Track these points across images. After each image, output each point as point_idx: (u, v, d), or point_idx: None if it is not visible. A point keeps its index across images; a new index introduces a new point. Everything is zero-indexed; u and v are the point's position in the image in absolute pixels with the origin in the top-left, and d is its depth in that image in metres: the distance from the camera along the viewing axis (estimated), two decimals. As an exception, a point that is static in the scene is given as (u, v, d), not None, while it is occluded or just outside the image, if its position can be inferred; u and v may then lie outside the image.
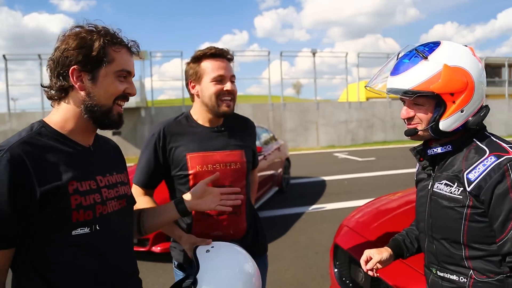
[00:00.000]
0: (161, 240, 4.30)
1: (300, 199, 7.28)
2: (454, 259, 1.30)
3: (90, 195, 1.14)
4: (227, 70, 1.70)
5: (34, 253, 1.09)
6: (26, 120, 17.03)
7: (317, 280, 3.84)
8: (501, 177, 1.16)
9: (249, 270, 1.48)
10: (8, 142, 1.07)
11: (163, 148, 1.71)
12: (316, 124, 19.43)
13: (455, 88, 1.24)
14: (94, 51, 1.13)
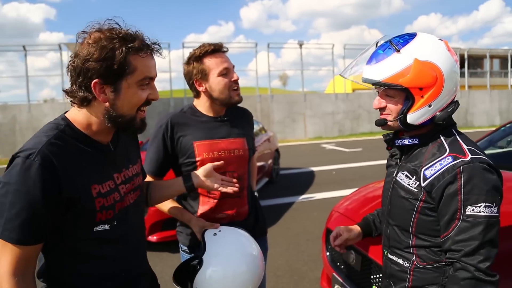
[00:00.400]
0: (157, 229, 4.42)
1: (290, 189, 7.45)
2: (402, 245, 1.38)
3: (111, 195, 1.22)
4: (229, 62, 1.82)
5: (61, 246, 1.19)
6: (12, 113, 16.76)
7: (309, 265, 4.02)
8: (452, 179, 1.21)
9: (253, 252, 1.59)
10: (37, 143, 1.11)
11: (171, 137, 1.82)
12: (304, 115, 19.59)
13: (423, 83, 1.26)
14: (116, 64, 1.12)
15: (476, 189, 1.18)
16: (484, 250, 1.17)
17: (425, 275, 1.32)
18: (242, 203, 1.91)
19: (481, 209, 1.18)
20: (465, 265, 1.18)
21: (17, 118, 16.77)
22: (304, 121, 19.65)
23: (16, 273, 1.09)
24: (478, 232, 1.17)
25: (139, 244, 1.39)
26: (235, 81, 1.82)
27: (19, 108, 17.08)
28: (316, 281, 3.63)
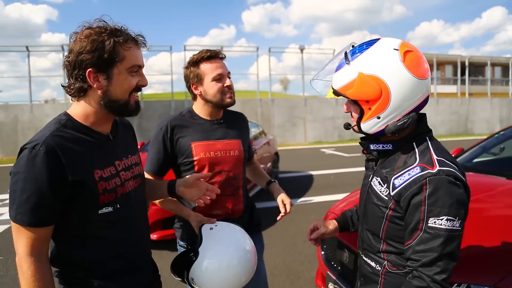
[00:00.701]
0: (158, 228, 4.51)
1: (288, 192, 7.39)
2: (374, 250, 1.41)
3: (112, 179, 1.33)
4: (224, 68, 1.92)
5: (69, 230, 1.30)
6: (14, 113, 16.87)
7: (305, 265, 4.11)
8: (418, 190, 1.21)
9: (246, 246, 1.69)
10: (41, 136, 1.23)
11: (170, 139, 1.93)
12: (304, 120, 19.69)
13: (367, 97, 1.27)
14: (106, 53, 1.24)
15: (439, 201, 1.18)
16: (442, 262, 1.18)
17: (395, 280, 1.34)
18: (237, 201, 2.01)
19: (443, 222, 1.18)
20: (422, 275, 1.19)
21: (19, 118, 16.88)
22: (305, 126, 19.75)
23: (32, 253, 1.21)
24: (438, 244, 1.17)
25: (141, 231, 1.49)
26: (227, 86, 1.92)
27: (21, 108, 17.19)
28: (311, 280, 3.72)
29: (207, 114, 1.99)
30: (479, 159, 3.71)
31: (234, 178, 1.97)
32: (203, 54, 1.91)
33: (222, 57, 1.96)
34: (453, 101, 23.44)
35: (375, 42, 1.31)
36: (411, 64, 1.25)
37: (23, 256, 1.21)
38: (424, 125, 1.37)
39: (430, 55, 25.12)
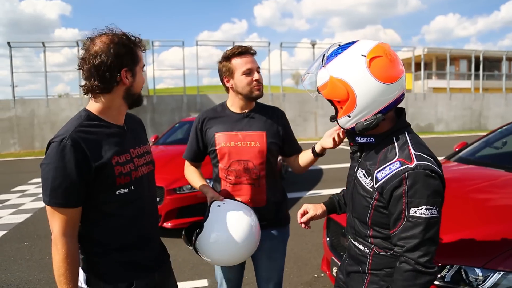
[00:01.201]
0: (172, 217, 4.73)
1: (298, 185, 7.70)
2: (361, 235, 1.53)
3: (127, 164, 1.54)
4: (254, 63, 2.07)
5: (92, 208, 1.50)
6: (31, 107, 17.27)
7: (312, 253, 4.30)
8: (399, 183, 1.32)
9: (248, 224, 1.85)
10: (67, 131, 1.43)
11: (201, 130, 2.16)
12: (315, 114, 19.78)
13: (338, 97, 1.40)
14: (134, 55, 1.51)
15: (418, 193, 1.30)
16: (424, 247, 1.31)
17: (382, 260, 1.47)
18: (258, 191, 2.10)
19: (422, 211, 1.30)
20: (407, 259, 1.32)
21: (35, 112, 17.26)
22: (315, 120, 19.83)
23: (66, 233, 1.42)
24: (419, 231, 1.30)
25: (151, 213, 1.70)
26: (256, 80, 2.05)
27: (37, 102, 17.56)
28: (318, 266, 3.90)
29: (238, 106, 2.14)
30: (483, 153, 3.82)
31: (254, 169, 2.06)
32: (234, 50, 2.06)
33: (253, 52, 2.10)
34: (466, 96, 23.25)
35: (349, 46, 1.42)
36: (376, 70, 1.35)
37: (58, 236, 1.41)
38: (403, 121, 1.49)
39: (443, 50, 24.92)
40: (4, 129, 16.97)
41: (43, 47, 18.12)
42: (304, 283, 3.65)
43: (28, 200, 7.40)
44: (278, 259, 2.20)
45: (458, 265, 1.98)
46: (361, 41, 1.43)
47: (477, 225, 2.27)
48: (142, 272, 1.60)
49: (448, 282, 1.97)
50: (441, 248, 2.08)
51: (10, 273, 4.07)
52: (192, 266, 4.07)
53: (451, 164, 3.71)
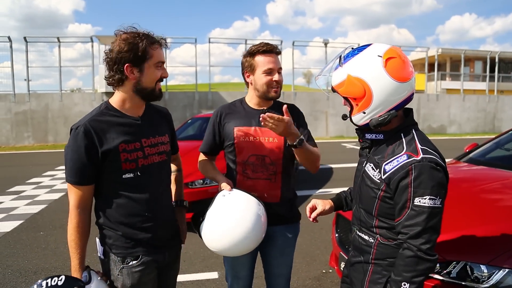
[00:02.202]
0: (184, 211, 4.80)
1: (308, 183, 7.75)
2: (367, 225, 1.60)
3: (134, 152, 1.70)
4: (276, 64, 2.08)
5: (105, 190, 1.72)
6: (45, 101, 17.53)
7: (320, 250, 4.36)
8: (405, 174, 1.41)
9: (255, 213, 1.85)
10: (84, 119, 1.67)
11: (219, 123, 2.20)
12: (326, 114, 19.74)
13: (354, 95, 1.51)
14: (140, 52, 1.63)
15: (423, 184, 1.39)
16: (427, 235, 1.39)
17: (386, 250, 1.55)
18: (273, 186, 2.11)
19: (426, 201, 1.38)
20: (410, 245, 1.40)
21: (49, 106, 17.52)
22: (326, 120, 19.79)
23: (78, 206, 1.66)
24: (422, 219, 1.38)
25: (162, 196, 1.83)
26: (276, 81, 2.07)
27: (51, 96, 17.80)
28: (326, 262, 3.96)
29: (255, 103, 2.17)
30: (493, 154, 3.83)
31: (271, 164, 2.08)
32: (260, 47, 2.07)
33: (278, 52, 2.11)
34: (480, 98, 22.97)
35: (365, 48, 1.53)
36: (392, 70, 1.46)
37: (72, 207, 1.66)
38: (411, 119, 1.59)
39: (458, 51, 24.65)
40: (19, 122, 17.27)
41: (57, 42, 18.38)
42: (313, 278, 3.71)
43: (42, 191, 7.59)
44: (290, 255, 2.23)
45: (464, 261, 2.02)
46: (376, 44, 1.54)
47: (484, 223, 2.31)
48: (149, 249, 1.76)
49: (453, 278, 2.02)
50: (448, 245, 2.14)
51: (27, 260, 4.21)
52: (202, 259, 4.16)
53: (461, 165, 3.73)
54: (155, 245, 1.78)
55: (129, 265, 1.72)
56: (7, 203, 6.70)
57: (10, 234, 5.12)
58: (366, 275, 1.61)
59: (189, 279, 3.71)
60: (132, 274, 1.72)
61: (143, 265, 1.74)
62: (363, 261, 1.63)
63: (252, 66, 2.10)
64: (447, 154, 1.58)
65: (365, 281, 1.61)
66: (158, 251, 1.79)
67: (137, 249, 1.74)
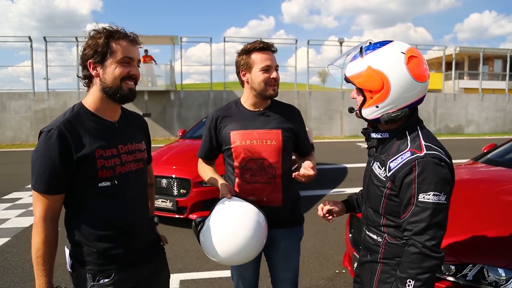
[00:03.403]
0: (197, 209, 4.85)
1: (322, 182, 7.69)
2: (375, 224, 1.61)
3: (112, 159, 1.58)
4: (273, 61, 2.04)
5: (76, 199, 1.58)
6: (63, 100, 17.85)
7: (334, 250, 4.34)
8: (409, 171, 1.42)
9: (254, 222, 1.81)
10: (56, 122, 1.53)
11: (215, 128, 2.15)
12: (341, 113, 19.58)
13: (371, 87, 1.50)
14: (100, 47, 1.54)
15: (427, 180, 1.39)
16: (431, 231, 1.38)
17: (393, 249, 1.54)
18: (273, 190, 2.07)
19: (430, 197, 1.38)
20: (415, 242, 1.40)
21: (67, 104, 17.79)
22: (341, 119, 19.63)
23: (46, 217, 1.51)
24: (426, 215, 1.38)
25: (138, 206, 1.71)
26: (273, 78, 2.03)
27: (69, 95, 18.11)
28: (339, 263, 3.93)
29: (251, 103, 2.11)
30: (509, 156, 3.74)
31: (270, 167, 2.03)
32: (256, 44, 2.04)
33: (274, 50, 2.07)
34: (500, 98, 22.45)
35: (388, 43, 1.53)
36: (413, 68, 1.47)
37: (39, 219, 1.51)
38: (416, 116, 1.58)
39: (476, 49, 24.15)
40: (38, 120, 17.62)
41: (76, 41, 18.66)
42: (326, 278, 3.70)
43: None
44: (295, 259, 2.18)
45: (481, 264, 1.99)
46: (397, 41, 1.54)
47: (502, 225, 2.26)
48: (123, 265, 1.63)
49: (469, 281, 1.98)
50: (464, 247, 2.11)
51: None
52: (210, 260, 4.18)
53: (479, 166, 3.66)
54: (130, 260, 1.66)
55: (100, 283, 1.58)
56: (26, 199, 6.86)
57: (29, 229, 5.23)
58: (375, 275, 1.60)
59: (202, 277, 3.73)
60: None
61: (115, 284, 1.60)
62: (372, 260, 1.63)
63: (249, 64, 2.05)
64: (465, 155, 1.56)
65: (374, 281, 1.60)
66: (133, 266, 1.67)
67: (110, 266, 1.60)
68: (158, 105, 17.81)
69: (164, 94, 18.11)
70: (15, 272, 3.88)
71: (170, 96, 18.33)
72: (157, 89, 17.84)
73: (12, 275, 3.82)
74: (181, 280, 3.62)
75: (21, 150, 15.04)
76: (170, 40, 18.51)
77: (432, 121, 20.67)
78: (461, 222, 2.34)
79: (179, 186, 4.97)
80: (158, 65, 18.71)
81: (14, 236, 4.96)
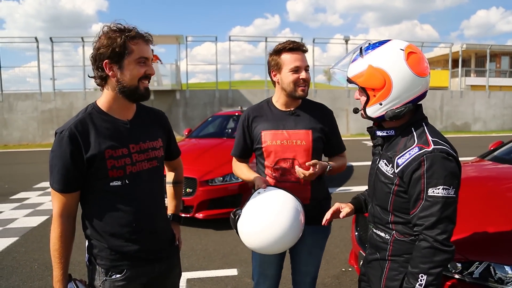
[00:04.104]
0: (204, 208, 4.87)
1: (329, 181, 7.58)
2: (383, 222, 1.61)
3: (122, 159, 1.60)
4: (303, 62, 2.05)
5: (89, 196, 1.62)
6: (69, 100, 17.98)
7: (340, 248, 4.34)
8: (418, 166, 1.44)
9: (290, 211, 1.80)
10: (69, 122, 1.57)
11: (248, 127, 2.19)
12: (347, 111, 19.52)
13: (374, 85, 1.52)
14: (118, 47, 1.52)
15: (436, 174, 1.41)
16: (442, 225, 1.40)
17: (402, 246, 1.54)
18: (302, 189, 2.08)
19: (440, 191, 1.40)
20: (426, 236, 1.41)
21: (74, 104, 17.94)
22: (347, 117, 19.58)
23: (63, 214, 1.58)
24: (437, 209, 1.39)
25: (151, 206, 1.71)
26: (303, 79, 2.04)
27: (75, 95, 18.25)
28: (345, 261, 3.93)
29: (283, 103, 2.14)
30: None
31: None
32: (286, 44, 2.05)
33: (305, 50, 2.08)
34: (507, 95, 22.26)
35: (386, 42, 1.56)
36: (412, 63, 1.49)
37: (55, 216, 1.58)
38: (420, 113, 1.60)
39: (483, 46, 23.96)
40: (45, 120, 17.77)
41: (82, 41, 18.77)
42: (332, 276, 3.70)
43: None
44: (318, 255, 2.21)
45: (488, 262, 1.98)
46: (395, 40, 1.57)
47: (510, 223, 2.25)
48: (135, 262, 1.66)
49: (476, 278, 1.98)
50: (470, 244, 2.10)
51: None
52: (222, 256, 4.19)
53: (486, 163, 3.64)
54: (142, 258, 1.68)
55: (112, 278, 1.63)
56: (34, 199, 6.92)
57: (37, 229, 5.29)
58: (383, 272, 1.60)
59: (208, 275, 3.74)
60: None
61: (126, 280, 1.64)
62: (380, 258, 1.63)
63: (279, 65, 2.06)
64: (471, 152, 1.58)
65: (382, 278, 1.60)
66: (145, 263, 1.70)
67: (122, 262, 1.64)
68: (164, 104, 17.87)
69: (169, 93, 18.17)
70: (23, 272, 3.92)
71: (176, 95, 18.40)
72: (162, 89, 17.92)
73: (21, 274, 3.86)
74: (188, 279, 3.63)
75: (28, 150, 15.19)
76: (176, 40, 18.58)
77: (438, 118, 20.56)
78: (467, 219, 2.33)
79: (185, 185, 4.95)
80: (164, 65, 18.81)
81: (22, 236, 5.01)
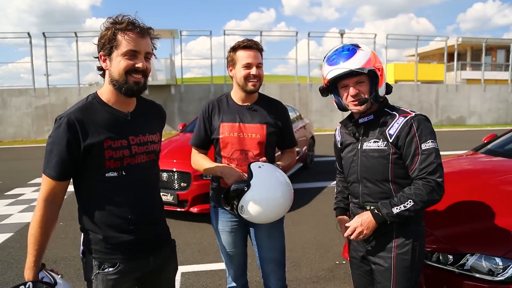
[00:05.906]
0: (198, 202, 4.87)
1: (322, 174, 7.72)
2: (386, 193, 1.79)
3: (120, 150, 1.59)
4: (255, 59, 2.18)
5: (84, 186, 1.62)
6: (64, 95, 17.84)
7: (334, 241, 4.35)
8: (409, 129, 1.73)
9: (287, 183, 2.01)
10: (68, 110, 1.56)
11: (207, 118, 2.28)
12: (342, 105, 19.50)
13: (380, 66, 1.81)
14: (106, 40, 1.53)
15: (424, 131, 1.72)
16: (441, 170, 1.69)
17: None
18: None
19: (430, 144, 1.71)
20: (429, 179, 1.67)
21: (68, 100, 17.81)
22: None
23: (47, 199, 1.55)
24: (433, 158, 1.69)
25: (147, 198, 1.71)
26: (253, 74, 2.17)
27: (70, 90, 18.09)
28: (339, 254, 3.95)
29: (239, 98, 2.27)
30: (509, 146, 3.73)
31: (253, 158, 2.17)
32: (241, 42, 2.20)
33: (259, 48, 2.21)
34: (503, 88, 22.33)
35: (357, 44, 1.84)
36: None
37: (40, 199, 1.55)
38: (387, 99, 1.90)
39: (479, 40, 23.98)
40: (39, 116, 17.65)
41: (75, 37, 18.60)
42: (326, 269, 3.72)
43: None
44: (279, 238, 2.30)
45: (479, 253, 2.00)
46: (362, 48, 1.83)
47: (501, 215, 2.26)
48: (129, 255, 1.65)
49: (467, 270, 1.99)
50: (462, 236, 2.12)
51: (47, 250, 4.22)
52: (217, 250, 4.19)
53: (479, 156, 3.65)
54: (136, 250, 1.67)
55: (104, 271, 1.62)
56: (29, 195, 6.89)
57: (31, 225, 5.27)
58: (392, 242, 1.76)
59: (202, 269, 3.75)
60: (106, 281, 1.61)
61: (119, 273, 1.63)
62: (385, 231, 1.77)
63: (234, 61, 2.22)
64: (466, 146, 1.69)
65: (392, 248, 1.76)
66: (139, 256, 1.68)
67: (116, 256, 1.63)
68: (159, 99, 17.76)
69: (164, 88, 18.09)
70: (18, 267, 3.90)
71: (171, 90, 18.32)
72: (157, 83, 17.82)
73: (16, 270, 3.85)
74: (182, 273, 3.65)
75: (22, 146, 15.11)
76: (170, 34, 18.45)
77: (434, 112, 20.62)
78: (460, 212, 2.35)
79: (179, 179, 4.98)
80: (158, 59, 18.65)
81: (17, 231, 4.99)
